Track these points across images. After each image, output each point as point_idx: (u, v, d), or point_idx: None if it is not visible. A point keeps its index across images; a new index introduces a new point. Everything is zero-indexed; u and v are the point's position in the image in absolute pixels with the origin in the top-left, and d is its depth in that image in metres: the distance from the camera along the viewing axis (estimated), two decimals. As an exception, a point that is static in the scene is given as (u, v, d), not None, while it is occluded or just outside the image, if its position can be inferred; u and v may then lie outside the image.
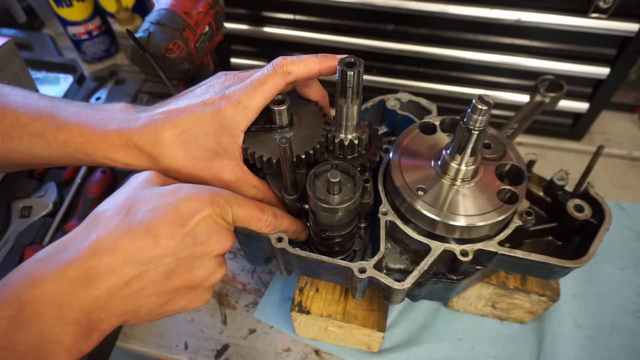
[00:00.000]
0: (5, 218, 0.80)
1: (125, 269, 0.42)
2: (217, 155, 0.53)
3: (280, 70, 0.51)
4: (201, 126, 0.52)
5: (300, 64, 0.52)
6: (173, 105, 0.54)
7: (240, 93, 0.51)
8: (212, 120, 0.51)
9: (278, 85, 0.52)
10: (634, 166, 0.95)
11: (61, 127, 0.52)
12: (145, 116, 0.53)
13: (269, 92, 0.51)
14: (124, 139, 0.52)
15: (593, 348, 0.70)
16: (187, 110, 0.52)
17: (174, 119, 0.52)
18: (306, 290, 0.65)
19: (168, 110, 0.53)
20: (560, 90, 0.70)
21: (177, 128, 0.52)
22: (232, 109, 0.51)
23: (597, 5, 0.74)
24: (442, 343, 0.70)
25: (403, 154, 0.57)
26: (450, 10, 0.79)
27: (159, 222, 0.43)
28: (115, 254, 0.42)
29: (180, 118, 0.52)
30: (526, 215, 0.56)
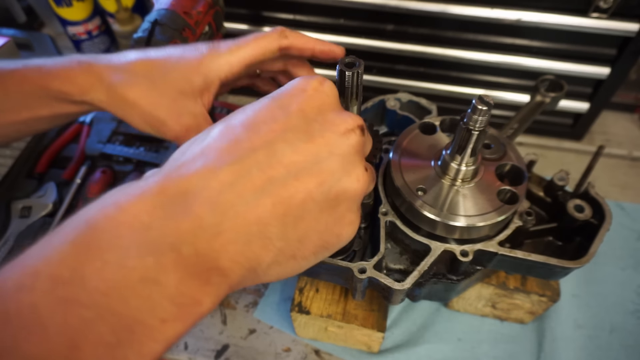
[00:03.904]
0: (4, 218, 0.80)
1: (225, 169, 0.30)
2: (183, 96, 0.48)
3: (277, 31, 0.50)
4: (175, 63, 0.48)
5: (298, 35, 0.51)
6: None
7: (228, 44, 0.49)
8: (190, 60, 0.48)
9: (272, 44, 0.49)
10: (634, 166, 0.95)
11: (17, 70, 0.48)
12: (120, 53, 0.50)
13: (260, 48, 0.49)
14: (84, 65, 0.48)
15: (593, 348, 0.70)
16: (164, 51, 0.50)
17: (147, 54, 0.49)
18: (306, 291, 0.65)
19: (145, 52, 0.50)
20: (560, 90, 0.70)
21: (149, 62, 0.48)
22: (214, 53, 0.48)
23: (598, 5, 0.73)
24: (442, 343, 0.70)
25: (403, 154, 0.57)
26: (450, 10, 0.79)
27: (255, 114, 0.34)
28: (209, 156, 0.31)
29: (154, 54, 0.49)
30: (526, 215, 0.56)
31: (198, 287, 0.28)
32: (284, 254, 0.33)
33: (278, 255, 0.32)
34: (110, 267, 0.26)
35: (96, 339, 0.24)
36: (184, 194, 0.29)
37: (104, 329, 0.25)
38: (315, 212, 0.33)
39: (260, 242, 0.31)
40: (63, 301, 0.24)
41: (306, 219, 0.33)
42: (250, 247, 0.31)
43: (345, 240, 0.37)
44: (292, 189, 0.32)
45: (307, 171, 0.32)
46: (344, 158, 0.34)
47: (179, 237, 0.28)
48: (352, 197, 0.35)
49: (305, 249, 0.34)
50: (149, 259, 0.27)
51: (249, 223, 0.30)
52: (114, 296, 0.25)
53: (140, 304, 0.26)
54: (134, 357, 0.25)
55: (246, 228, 0.30)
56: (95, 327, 0.24)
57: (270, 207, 0.31)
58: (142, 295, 0.26)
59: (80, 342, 0.24)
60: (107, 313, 0.25)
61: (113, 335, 0.25)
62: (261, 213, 0.31)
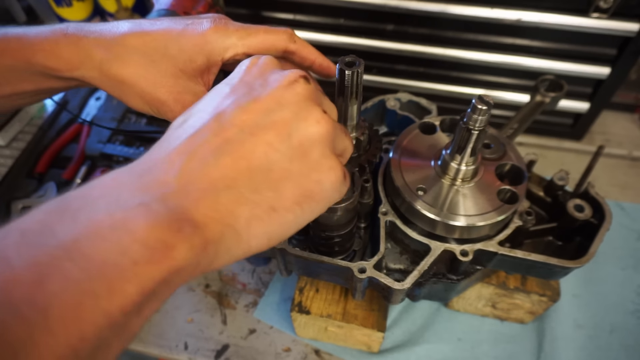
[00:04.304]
0: (4, 218, 0.80)
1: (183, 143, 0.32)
2: (183, 74, 0.45)
3: (287, 33, 0.48)
4: (176, 39, 0.44)
5: (305, 44, 0.50)
6: None
7: (237, 26, 0.46)
8: (193, 36, 0.45)
9: (279, 44, 0.47)
10: (634, 166, 0.95)
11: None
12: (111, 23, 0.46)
13: (268, 43, 0.47)
14: (72, 38, 0.44)
15: (593, 348, 0.70)
16: (160, 24, 0.46)
17: (142, 26, 0.45)
18: (306, 291, 0.65)
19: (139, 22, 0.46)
20: (560, 90, 0.70)
21: (147, 36, 0.44)
22: (221, 33, 0.45)
23: (598, 5, 0.73)
24: (442, 343, 0.70)
25: (403, 154, 0.57)
26: (450, 10, 0.79)
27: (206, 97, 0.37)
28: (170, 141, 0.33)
29: (150, 27, 0.45)
30: (526, 215, 0.56)
31: (169, 233, 0.28)
32: (260, 207, 0.33)
33: (254, 208, 0.32)
34: (80, 221, 0.27)
35: (63, 274, 0.24)
36: (149, 169, 0.31)
37: (71, 267, 0.25)
38: (283, 162, 0.34)
39: (231, 195, 0.32)
40: (31, 245, 0.25)
41: (274, 170, 0.33)
42: (220, 201, 0.31)
43: (330, 187, 0.36)
44: (250, 144, 0.33)
45: (261, 126, 0.34)
46: (295, 105, 0.35)
47: (147, 196, 0.29)
48: (318, 140, 0.35)
49: (284, 199, 0.34)
50: (117, 213, 0.27)
51: (213, 180, 0.31)
52: (83, 241, 0.26)
53: (110, 247, 0.26)
54: (103, 293, 0.25)
55: (212, 184, 0.31)
56: (62, 264, 0.24)
57: (231, 164, 0.32)
58: (111, 240, 0.26)
59: (46, 276, 0.24)
60: (76, 254, 0.25)
61: (82, 272, 0.25)
62: (224, 170, 0.32)
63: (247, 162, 0.32)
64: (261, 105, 0.34)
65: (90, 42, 0.44)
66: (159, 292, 0.28)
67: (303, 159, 0.35)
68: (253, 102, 0.35)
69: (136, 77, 0.44)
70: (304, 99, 0.36)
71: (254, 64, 0.39)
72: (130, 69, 0.44)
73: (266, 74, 0.37)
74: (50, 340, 0.23)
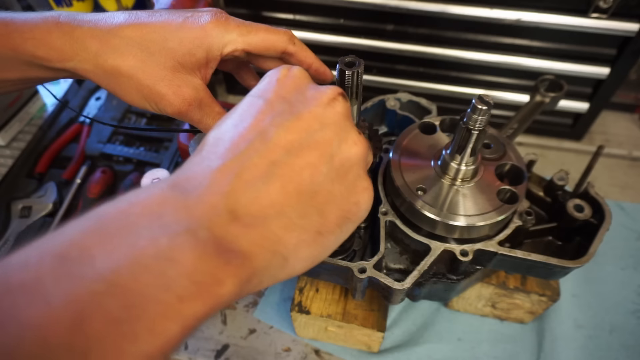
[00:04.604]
0: (5, 218, 0.80)
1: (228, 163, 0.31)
2: (182, 68, 0.44)
3: (288, 35, 0.47)
4: (175, 31, 0.43)
5: (304, 47, 0.49)
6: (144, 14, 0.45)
7: (237, 22, 0.45)
8: (193, 29, 0.43)
9: (279, 45, 0.46)
10: (634, 166, 0.95)
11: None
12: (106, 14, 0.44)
13: (268, 43, 0.46)
14: (65, 28, 0.42)
15: (593, 348, 0.70)
16: (159, 15, 0.44)
17: (139, 18, 0.44)
18: (306, 291, 0.65)
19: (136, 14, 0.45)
20: (560, 90, 0.70)
21: (145, 27, 0.43)
22: (222, 28, 0.44)
23: (597, 5, 0.74)
24: (442, 343, 0.70)
25: (403, 154, 0.57)
26: (450, 10, 0.79)
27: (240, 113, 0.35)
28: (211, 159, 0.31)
29: (147, 18, 0.44)
30: (526, 215, 0.56)
31: (217, 265, 0.26)
32: (308, 232, 0.32)
33: (302, 233, 0.32)
34: (121, 248, 0.24)
35: (103, 314, 0.22)
36: (194, 188, 0.29)
37: (112, 304, 0.23)
38: (327, 184, 0.33)
39: (280, 222, 0.31)
40: (69, 276, 0.23)
41: (320, 192, 0.33)
42: (271, 229, 0.30)
43: (365, 208, 0.36)
44: (296, 166, 0.32)
45: (305, 146, 0.33)
46: (335, 126, 0.35)
47: (194, 222, 0.27)
48: (356, 162, 0.35)
49: (328, 223, 0.34)
50: (162, 239, 0.25)
51: (263, 207, 0.30)
52: (124, 273, 0.24)
53: (153, 281, 0.24)
54: (145, 335, 0.23)
55: (262, 212, 0.30)
56: (103, 301, 0.23)
57: (281, 188, 0.31)
58: (155, 272, 0.24)
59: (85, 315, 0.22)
60: (117, 289, 0.23)
61: (123, 310, 0.23)
62: (274, 196, 0.30)
63: (296, 186, 0.32)
64: (304, 124, 0.33)
65: (84, 33, 0.42)
66: (198, 326, 0.26)
67: (343, 181, 0.35)
68: (295, 121, 0.33)
69: (134, 70, 0.43)
70: (343, 118, 0.36)
71: (286, 76, 0.37)
72: (127, 61, 0.42)
73: (302, 89, 0.36)
74: None
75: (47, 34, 0.41)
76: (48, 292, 0.22)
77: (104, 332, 0.22)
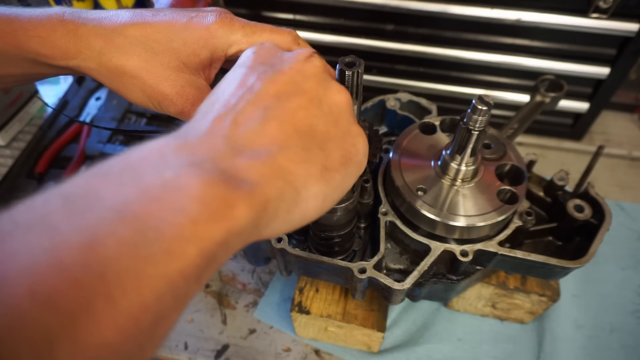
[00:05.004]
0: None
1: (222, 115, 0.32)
2: (186, 68, 0.45)
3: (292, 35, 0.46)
4: (180, 31, 0.43)
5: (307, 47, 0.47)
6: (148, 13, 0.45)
7: (242, 23, 0.45)
8: (198, 30, 0.44)
9: (285, 44, 0.46)
10: (634, 166, 0.95)
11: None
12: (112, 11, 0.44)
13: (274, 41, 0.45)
14: (69, 26, 0.42)
15: (593, 348, 0.70)
16: (163, 15, 0.45)
17: (144, 17, 0.44)
18: (306, 291, 0.65)
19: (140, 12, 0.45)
20: (560, 90, 0.70)
21: (149, 27, 0.43)
22: (226, 27, 0.44)
23: (597, 5, 0.73)
24: (442, 343, 0.70)
25: (403, 154, 0.57)
26: (450, 10, 0.79)
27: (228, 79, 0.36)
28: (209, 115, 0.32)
29: (152, 17, 0.44)
30: (526, 215, 0.56)
31: (227, 190, 0.26)
32: (314, 165, 0.33)
33: (309, 166, 0.32)
34: (127, 185, 0.24)
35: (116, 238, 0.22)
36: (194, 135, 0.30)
37: (125, 230, 0.22)
38: (321, 126, 0.35)
39: (285, 155, 0.31)
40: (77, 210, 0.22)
41: (317, 131, 0.34)
42: (276, 161, 0.30)
43: (363, 152, 0.37)
44: (289, 109, 0.33)
45: (292, 93, 0.34)
46: (317, 77, 0.36)
47: (197, 158, 0.27)
48: (344, 108, 0.37)
49: (332, 159, 0.34)
50: (167, 173, 0.25)
51: (265, 143, 0.31)
52: (133, 203, 0.23)
53: (164, 207, 0.23)
54: (163, 257, 0.22)
55: (264, 147, 0.31)
56: (115, 227, 0.22)
57: (278, 127, 0.32)
58: (164, 200, 0.24)
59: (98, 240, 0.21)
60: (128, 216, 0.23)
61: (136, 234, 0.22)
62: (273, 133, 0.32)
63: (292, 125, 0.33)
64: (287, 77, 0.35)
65: (88, 31, 0.42)
66: (219, 255, 0.25)
67: (336, 125, 0.36)
68: (279, 75, 0.35)
69: (138, 70, 0.43)
70: (322, 71, 0.37)
71: (260, 48, 0.39)
72: (131, 61, 0.43)
73: (279, 54, 0.38)
74: (109, 308, 0.20)
75: (52, 32, 0.41)
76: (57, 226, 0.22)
77: (119, 253, 0.22)
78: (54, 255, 0.20)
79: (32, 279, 0.19)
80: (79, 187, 0.24)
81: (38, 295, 0.19)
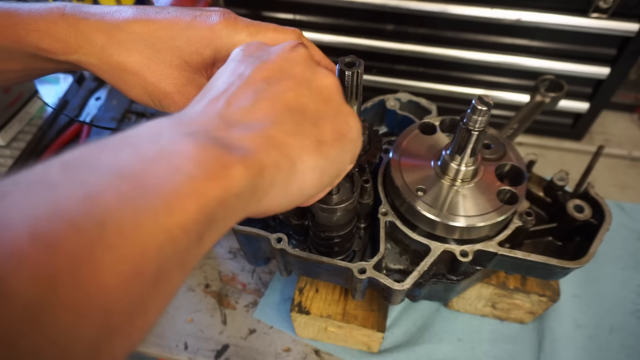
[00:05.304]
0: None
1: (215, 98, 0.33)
2: (189, 67, 0.44)
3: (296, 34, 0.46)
4: (184, 30, 0.43)
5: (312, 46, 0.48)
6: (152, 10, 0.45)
7: (246, 22, 0.45)
8: (202, 29, 0.43)
9: None
10: (634, 166, 0.95)
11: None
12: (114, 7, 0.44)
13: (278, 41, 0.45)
14: (70, 19, 0.41)
15: (593, 348, 0.70)
16: (167, 12, 0.44)
17: (147, 14, 0.44)
18: (306, 291, 0.65)
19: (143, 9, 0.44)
20: (560, 90, 0.70)
21: (153, 24, 0.43)
22: (230, 27, 0.44)
23: (597, 5, 0.73)
24: (442, 343, 0.70)
25: (403, 154, 0.57)
26: (450, 10, 0.79)
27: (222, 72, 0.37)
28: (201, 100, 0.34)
29: (155, 15, 0.44)
30: (526, 215, 0.56)
31: (222, 153, 0.27)
32: (308, 138, 0.33)
33: (303, 139, 0.33)
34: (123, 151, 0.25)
35: (116, 192, 0.22)
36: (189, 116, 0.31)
37: (123, 185, 0.23)
38: (312, 105, 0.35)
39: (278, 128, 0.32)
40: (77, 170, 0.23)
41: (308, 109, 0.35)
42: (270, 133, 0.31)
43: (356, 129, 0.38)
44: (279, 90, 0.34)
45: (281, 78, 0.35)
46: (303, 63, 0.37)
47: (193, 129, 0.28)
48: (333, 90, 0.38)
49: (325, 134, 0.35)
50: (162, 140, 0.26)
51: (258, 118, 0.32)
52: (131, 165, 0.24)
53: (161, 166, 0.24)
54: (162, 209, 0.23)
55: (257, 121, 0.31)
56: (114, 183, 0.22)
57: (270, 105, 0.33)
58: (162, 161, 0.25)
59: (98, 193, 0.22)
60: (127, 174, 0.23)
61: (135, 190, 0.23)
62: (265, 110, 0.32)
63: (283, 103, 0.34)
64: (274, 64, 0.36)
65: (90, 26, 0.42)
66: (218, 216, 0.26)
67: (327, 104, 0.36)
68: (267, 63, 0.36)
69: (139, 67, 0.43)
70: (308, 58, 0.38)
71: (248, 45, 0.39)
72: (133, 57, 0.42)
73: (265, 48, 0.39)
74: (110, 255, 0.21)
75: (52, 26, 0.41)
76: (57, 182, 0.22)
77: (119, 205, 0.22)
78: (54, 206, 0.21)
79: (32, 223, 0.20)
80: (77, 155, 0.24)
81: (39, 238, 0.19)
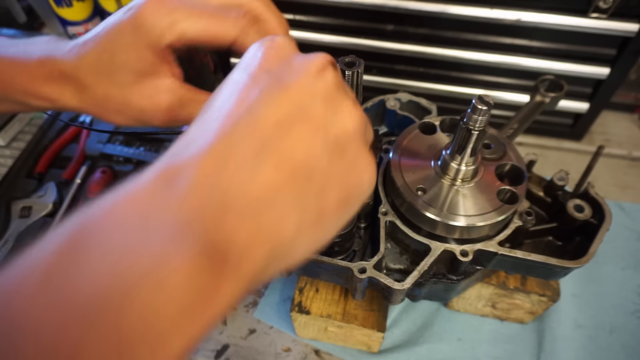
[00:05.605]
0: (4, 218, 0.80)
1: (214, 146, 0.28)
2: (144, 76, 0.42)
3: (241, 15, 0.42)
4: (119, 38, 0.41)
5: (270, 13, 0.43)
6: None
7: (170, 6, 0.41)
8: (130, 27, 0.41)
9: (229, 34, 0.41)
10: (634, 166, 0.95)
11: None
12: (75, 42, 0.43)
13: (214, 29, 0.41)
14: (47, 67, 0.43)
15: (593, 348, 0.70)
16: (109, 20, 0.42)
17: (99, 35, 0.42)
18: (306, 291, 0.65)
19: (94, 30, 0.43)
20: (560, 90, 0.70)
21: (98, 46, 0.42)
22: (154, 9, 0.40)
23: (597, 5, 0.74)
24: (442, 343, 0.70)
25: (403, 154, 0.57)
26: (450, 10, 0.79)
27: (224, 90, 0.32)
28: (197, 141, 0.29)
29: (102, 33, 0.42)
30: (526, 215, 0.56)
31: (215, 268, 0.25)
32: (308, 212, 0.30)
33: (303, 213, 0.29)
34: (109, 257, 0.23)
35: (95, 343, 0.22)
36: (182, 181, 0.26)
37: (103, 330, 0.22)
38: (324, 163, 0.30)
39: (278, 205, 0.28)
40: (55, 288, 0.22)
41: (317, 170, 0.30)
42: (268, 215, 0.28)
43: (367, 187, 0.34)
44: (289, 142, 0.29)
45: (296, 120, 0.30)
46: (327, 97, 0.32)
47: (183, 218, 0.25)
48: (353, 135, 0.33)
49: (329, 202, 0.31)
50: (153, 245, 0.24)
51: (258, 191, 0.27)
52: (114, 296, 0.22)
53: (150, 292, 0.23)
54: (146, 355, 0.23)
55: (257, 197, 0.27)
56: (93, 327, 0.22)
57: (274, 169, 0.28)
58: (150, 280, 0.23)
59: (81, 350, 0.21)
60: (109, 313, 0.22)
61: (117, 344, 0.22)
62: (268, 177, 0.28)
63: (290, 164, 0.29)
64: (292, 97, 0.30)
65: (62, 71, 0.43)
66: (202, 337, 0.26)
67: (342, 157, 0.32)
68: (284, 94, 0.30)
69: (104, 99, 0.43)
70: (335, 88, 0.33)
71: (269, 47, 0.34)
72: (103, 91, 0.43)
73: (288, 59, 0.33)
74: None
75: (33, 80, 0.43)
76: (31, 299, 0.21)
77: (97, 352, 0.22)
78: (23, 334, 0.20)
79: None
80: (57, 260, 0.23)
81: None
